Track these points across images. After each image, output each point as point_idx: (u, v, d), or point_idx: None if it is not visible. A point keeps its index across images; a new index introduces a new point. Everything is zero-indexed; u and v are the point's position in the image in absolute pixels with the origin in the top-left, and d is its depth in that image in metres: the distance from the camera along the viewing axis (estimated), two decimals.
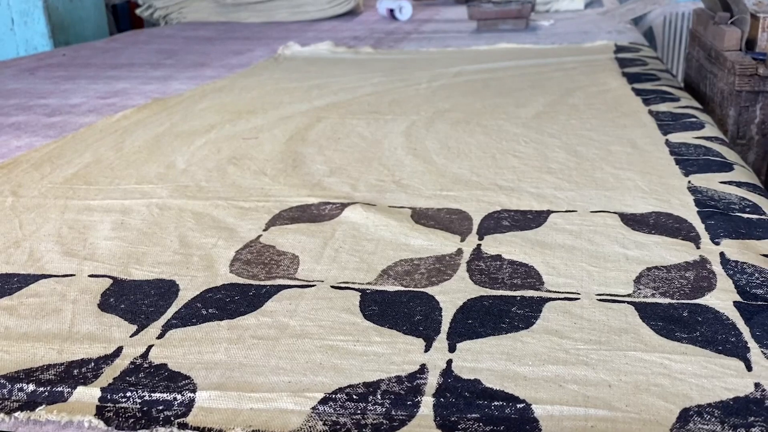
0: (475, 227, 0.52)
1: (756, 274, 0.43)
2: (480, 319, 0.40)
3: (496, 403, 0.32)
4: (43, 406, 0.33)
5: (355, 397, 0.33)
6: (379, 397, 0.33)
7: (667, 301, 0.41)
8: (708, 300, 0.41)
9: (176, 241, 0.52)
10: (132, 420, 0.32)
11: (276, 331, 0.39)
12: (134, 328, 0.40)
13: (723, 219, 0.51)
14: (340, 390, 0.34)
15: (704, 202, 0.55)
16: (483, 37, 1.53)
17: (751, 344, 0.36)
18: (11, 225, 0.56)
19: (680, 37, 2.16)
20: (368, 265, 0.47)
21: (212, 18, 2.10)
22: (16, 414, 0.33)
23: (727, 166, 0.63)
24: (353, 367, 0.36)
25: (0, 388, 0.35)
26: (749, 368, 0.35)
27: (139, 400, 0.34)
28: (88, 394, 0.34)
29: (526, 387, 0.34)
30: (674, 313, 0.40)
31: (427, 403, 0.33)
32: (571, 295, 0.42)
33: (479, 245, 0.49)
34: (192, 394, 0.34)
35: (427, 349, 0.37)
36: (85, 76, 1.25)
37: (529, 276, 0.45)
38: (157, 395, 0.34)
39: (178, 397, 0.34)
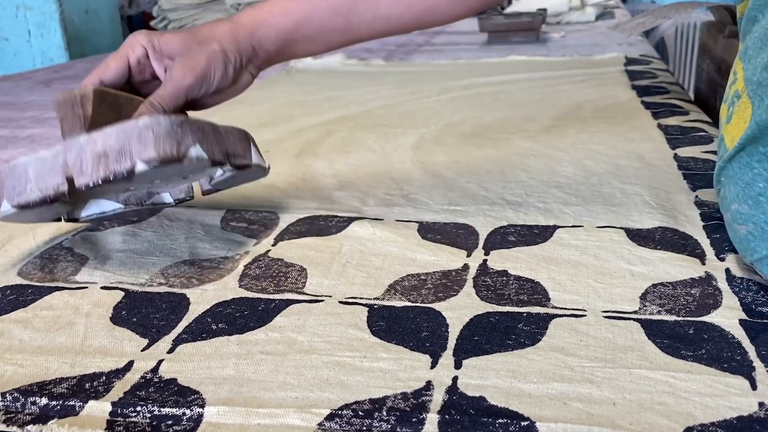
0: (481, 242, 0.53)
1: (762, 292, 0.43)
2: (486, 336, 0.40)
3: (500, 420, 0.33)
4: (55, 419, 0.34)
5: (361, 413, 0.34)
6: (384, 413, 0.33)
7: (672, 318, 0.41)
8: (714, 318, 0.41)
9: (186, 252, 0.53)
10: None
11: (284, 346, 0.40)
12: (145, 342, 0.41)
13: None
14: (347, 406, 0.34)
15: (710, 215, 0.55)
16: (494, 50, 1.54)
17: (756, 363, 0.36)
18: (26, 237, 0.57)
19: (692, 49, 2.16)
20: (375, 280, 0.47)
21: None
22: (28, 427, 0.34)
23: None
24: (360, 384, 0.36)
25: (14, 401, 0.36)
26: (754, 387, 0.35)
27: (149, 415, 0.34)
28: (99, 408, 0.35)
29: (530, 404, 0.34)
30: (680, 331, 0.40)
31: (432, 420, 0.33)
32: (577, 311, 0.42)
33: (485, 260, 0.50)
34: (201, 409, 0.34)
35: (433, 365, 0.37)
36: None
37: (536, 292, 0.45)
38: (166, 410, 0.34)
39: (187, 412, 0.34)
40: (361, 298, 0.45)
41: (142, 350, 0.40)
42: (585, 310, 0.42)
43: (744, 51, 0.46)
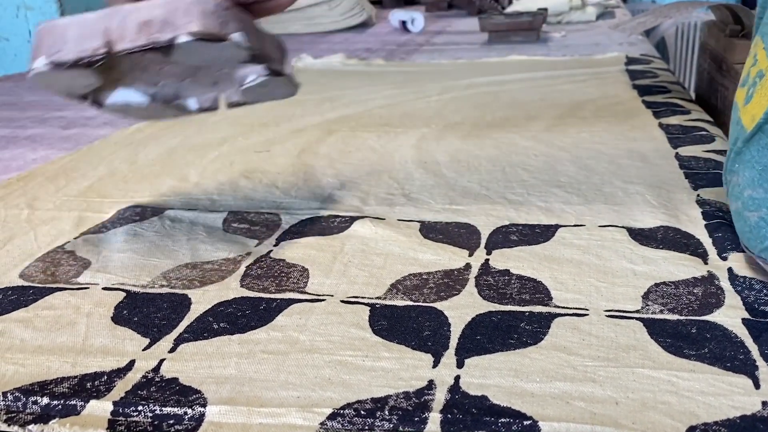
0: (483, 242, 0.53)
1: (764, 291, 0.43)
2: (488, 335, 0.40)
3: (502, 419, 0.33)
4: (57, 419, 0.34)
5: (363, 412, 0.33)
6: (386, 412, 0.33)
7: (675, 317, 0.41)
8: (716, 317, 0.41)
9: (188, 254, 0.53)
10: None
11: (286, 345, 0.40)
12: (147, 341, 0.41)
13: (730, 231, 0.51)
14: (348, 405, 0.34)
15: (712, 213, 0.55)
16: (494, 49, 1.54)
17: (760, 362, 0.36)
18: (27, 237, 0.57)
19: (693, 48, 2.16)
20: (377, 280, 0.47)
21: None
22: (29, 427, 0.34)
23: None
24: (362, 383, 0.36)
25: (15, 401, 0.36)
26: (757, 386, 0.35)
27: (151, 414, 0.34)
28: (101, 407, 0.35)
29: (533, 404, 0.34)
30: (682, 330, 0.40)
31: (434, 419, 0.33)
32: (579, 310, 0.42)
33: (487, 260, 0.50)
34: (202, 409, 0.34)
35: (435, 364, 0.37)
36: None
37: (538, 291, 0.45)
38: (167, 409, 0.34)
39: (189, 411, 0.34)
40: (362, 298, 0.45)
41: (143, 350, 0.40)
42: (587, 310, 0.42)
43: (765, 25, 0.44)
